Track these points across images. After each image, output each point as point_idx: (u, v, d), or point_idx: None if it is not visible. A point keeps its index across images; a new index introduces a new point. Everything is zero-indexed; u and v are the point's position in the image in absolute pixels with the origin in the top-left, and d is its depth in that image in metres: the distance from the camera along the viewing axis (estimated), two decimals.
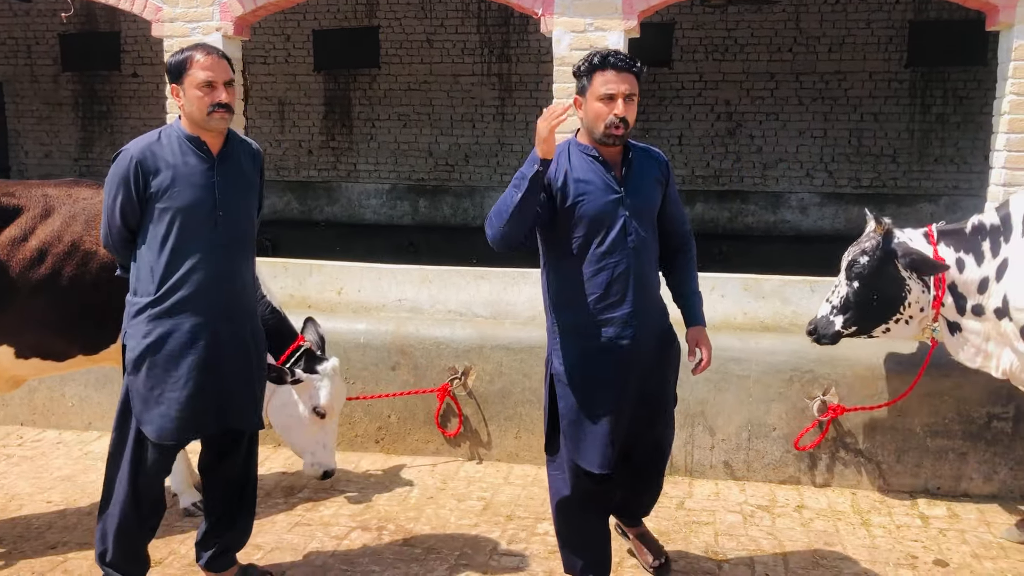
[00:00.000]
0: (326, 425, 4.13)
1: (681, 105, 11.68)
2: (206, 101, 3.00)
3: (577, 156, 3.14)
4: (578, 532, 3.37)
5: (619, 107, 2.99)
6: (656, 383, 3.32)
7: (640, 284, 3.14)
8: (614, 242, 3.09)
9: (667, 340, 3.35)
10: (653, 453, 3.51)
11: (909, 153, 11.21)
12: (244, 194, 3.19)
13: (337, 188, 12.78)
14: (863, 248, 4.15)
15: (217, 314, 3.10)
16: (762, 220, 11.46)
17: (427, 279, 5.75)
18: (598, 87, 3.00)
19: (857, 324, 4.20)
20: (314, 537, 4.02)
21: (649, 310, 3.21)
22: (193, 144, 3.08)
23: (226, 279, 3.13)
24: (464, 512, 4.32)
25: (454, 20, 12.11)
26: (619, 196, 3.11)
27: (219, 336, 3.11)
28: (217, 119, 3.03)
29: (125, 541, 3.24)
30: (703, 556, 3.88)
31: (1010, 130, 5.05)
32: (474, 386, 4.94)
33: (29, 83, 13.53)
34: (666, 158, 3.36)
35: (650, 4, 5.43)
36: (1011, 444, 4.46)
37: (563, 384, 3.20)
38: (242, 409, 3.23)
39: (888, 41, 11.02)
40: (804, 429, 4.59)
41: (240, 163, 3.20)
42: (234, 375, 3.17)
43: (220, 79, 3.02)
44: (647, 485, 3.64)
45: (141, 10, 6.06)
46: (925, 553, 3.93)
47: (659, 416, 3.39)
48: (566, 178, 3.09)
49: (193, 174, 3.05)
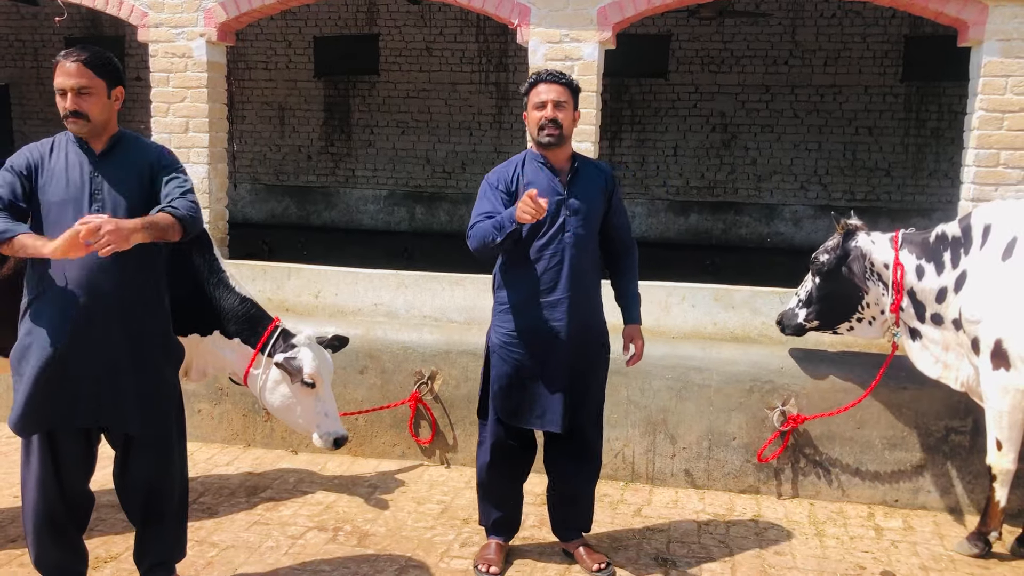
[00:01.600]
0: (319, 394, 4.07)
1: (676, 116, 11.72)
2: (61, 107, 3.03)
3: (530, 163, 3.64)
4: (495, 490, 3.81)
5: (548, 110, 3.48)
6: (581, 372, 3.64)
7: (573, 275, 3.55)
8: (552, 236, 3.53)
9: (596, 336, 3.71)
10: (574, 441, 3.72)
11: (903, 167, 11.21)
12: (126, 192, 3.10)
13: (335, 193, 12.87)
14: (826, 246, 4.38)
15: (81, 311, 3.07)
16: (755, 232, 11.48)
17: (403, 284, 5.81)
18: (533, 98, 3.55)
19: (819, 319, 4.43)
20: (270, 536, 4.08)
21: (580, 302, 3.59)
22: (77, 144, 3.11)
23: (98, 278, 3.05)
24: (422, 515, 4.37)
25: (453, 29, 12.20)
26: (562, 197, 3.55)
27: (80, 333, 3.07)
28: (71, 123, 3.04)
29: (39, 539, 3.22)
30: (653, 563, 3.92)
31: (979, 145, 5.08)
32: (440, 390, 5.00)
33: (35, 86, 13.69)
34: (612, 171, 3.80)
35: (625, 16, 5.47)
36: (968, 458, 4.47)
37: (496, 355, 3.66)
38: (117, 409, 3.15)
39: (884, 55, 11.05)
40: (767, 440, 4.62)
41: (126, 162, 3.14)
42: (98, 373, 3.10)
43: (70, 86, 3.00)
44: (575, 482, 3.80)
45: (128, 15, 6.16)
46: (874, 564, 3.95)
47: (581, 406, 3.67)
48: (516, 182, 3.60)
49: (72, 170, 3.06)
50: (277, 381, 4.04)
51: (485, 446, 3.76)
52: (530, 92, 3.54)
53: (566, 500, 3.85)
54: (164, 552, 3.39)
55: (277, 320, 4.13)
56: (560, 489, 3.84)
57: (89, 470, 3.32)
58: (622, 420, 4.79)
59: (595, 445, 3.80)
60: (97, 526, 3.97)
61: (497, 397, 3.66)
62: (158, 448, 3.28)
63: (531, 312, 3.57)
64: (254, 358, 4.03)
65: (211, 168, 6.18)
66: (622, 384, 4.76)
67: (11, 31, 13.56)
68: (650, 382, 4.75)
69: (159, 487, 3.31)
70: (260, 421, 5.22)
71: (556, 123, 3.47)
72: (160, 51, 6.15)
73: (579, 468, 3.78)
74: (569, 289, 3.54)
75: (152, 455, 3.27)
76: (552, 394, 3.59)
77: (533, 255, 3.54)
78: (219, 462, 5.01)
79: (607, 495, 4.64)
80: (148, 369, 3.21)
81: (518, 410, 3.64)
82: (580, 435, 3.72)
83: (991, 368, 3.85)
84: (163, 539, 3.37)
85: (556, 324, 3.55)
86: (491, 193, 3.58)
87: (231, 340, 4.05)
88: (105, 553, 3.84)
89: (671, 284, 5.49)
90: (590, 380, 3.70)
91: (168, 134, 6.14)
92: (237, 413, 5.25)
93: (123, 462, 3.29)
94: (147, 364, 3.20)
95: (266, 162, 13.19)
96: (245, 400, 5.22)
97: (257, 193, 13.14)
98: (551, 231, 3.52)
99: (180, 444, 3.39)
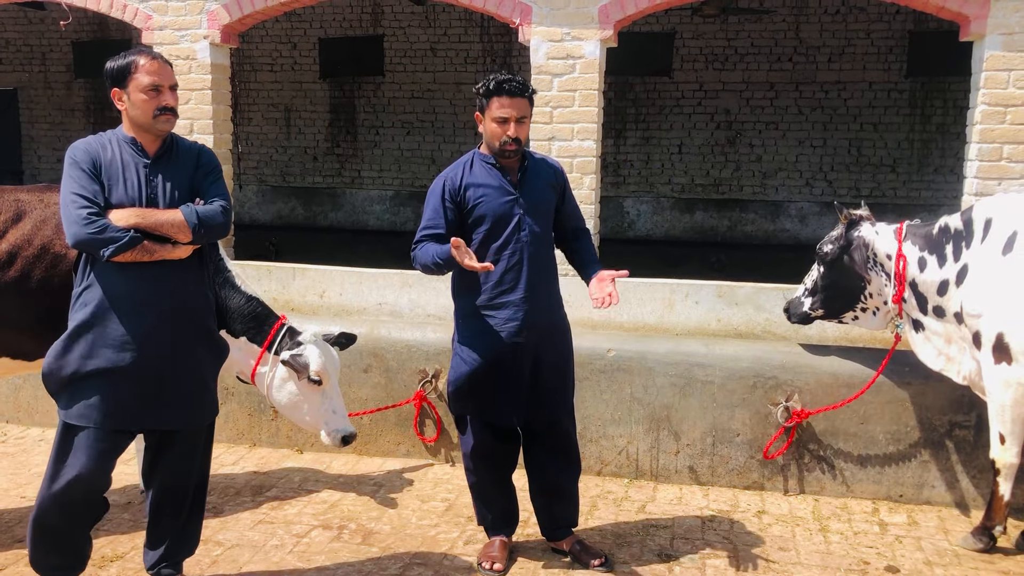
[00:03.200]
0: (327, 391, 4.07)
1: (681, 114, 11.73)
2: (152, 105, 3.06)
3: (479, 165, 3.65)
4: (485, 488, 3.84)
5: (511, 129, 3.50)
6: (553, 363, 3.71)
7: (533, 272, 3.60)
8: (509, 236, 3.57)
9: (562, 327, 3.78)
10: (552, 435, 3.77)
11: (909, 163, 11.20)
12: (182, 195, 3.18)
13: (341, 194, 12.92)
14: (830, 236, 4.41)
15: (147, 315, 3.11)
16: (761, 229, 11.48)
17: (407, 283, 5.84)
18: (494, 110, 3.51)
19: (824, 307, 4.47)
20: (275, 535, 4.10)
21: (542, 297, 3.66)
22: (131, 145, 3.14)
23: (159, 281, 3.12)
24: (426, 513, 4.38)
25: (457, 30, 12.23)
26: (514, 197, 3.60)
27: (149, 336, 3.13)
28: (163, 122, 3.10)
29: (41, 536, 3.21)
30: (656, 559, 3.92)
31: (982, 140, 5.08)
32: (444, 388, 5.01)
33: (43, 89, 13.79)
34: (561, 166, 3.86)
35: (626, 14, 5.49)
36: (973, 452, 4.47)
37: (460, 358, 3.69)
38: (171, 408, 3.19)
39: (888, 51, 11.04)
40: (772, 437, 4.62)
41: (178, 165, 3.21)
42: (165, 374, 3.15)
43: (166, 83, 3.08)
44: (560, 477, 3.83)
45: (132, 18, 6.19)
46: (878, 559, 3.95)
47: (558, 398, 3.75)
48: (464, 187, 3.59)
49: (128, 171, 3.10)
50: (284, 379, 4.05)
51: (467, 446, 3.78)
52: (491, 100, 3.50)
53: (554, 496, 3.85)
54: (175, 545, 3.43)
55: (283, 318, 4.15)
56: (546, 486, 3.85)
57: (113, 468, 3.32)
58: (626, 417, 4.80)
59: (574, 437, 3.86)
60: (103, 525, 3.99)
61: (466, 396, 3.68)
62: (191, 444, 3.35)
63: (495, 313, 3.60)
64: (261, 356, 4.05)
65: None
66: (626, 381, 4.77)
67: (19, 36, 13.65)
68: (654, 379, 4.75)
69: (183, 482, 3.37)
70: (266, 421, 5.25)
71: (517, 141, 3.50)
72: (164, 54, 6.16)
73: (562, 462, 3.82)
74: (530, 286, 3.59)
75: (183, 450, 3.33)
76: (519, 388, 3.63)
77: (491, 257, 3.56)
78: (225, 461, 5.03)
79: (611, 492, 4.65)
80: (200, 368, 3.28)
81: (482, 405, 3.68)
82: (559, 429, 3.77)
83: (993, 362, 3.85)
84: (176, 533, 3.42)
85: (521, 322, 3.58)
86: (438, 203, 3.59)
87: (238, 339, 4.07)
88: (111, 552, 3.86)
89: (674, 281, 5.51)
90: (565, 369, 3.76)
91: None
92: (243, 413, 5.28)
93: (155, 456, 3.33)
94: (200, 363, 3.28)
95: (272, 163, 13.24)
96: (251, 400, 5.25)
97: (264, 194, 13.20)
98: (507, 232, 3.56)
99: (208, 443, 3.48)
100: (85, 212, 2.97)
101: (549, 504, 3.87)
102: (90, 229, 2.96)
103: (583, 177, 5.55)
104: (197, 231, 3.09)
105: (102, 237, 2.97)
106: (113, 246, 2.98)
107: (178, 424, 3.26)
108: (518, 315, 3.58)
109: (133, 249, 3.01)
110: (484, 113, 3.55)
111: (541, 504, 3.89)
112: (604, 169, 11.34)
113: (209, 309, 3.38)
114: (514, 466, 3.90)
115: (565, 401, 3.79)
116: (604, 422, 4.82)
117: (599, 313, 5.45)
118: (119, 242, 2.98)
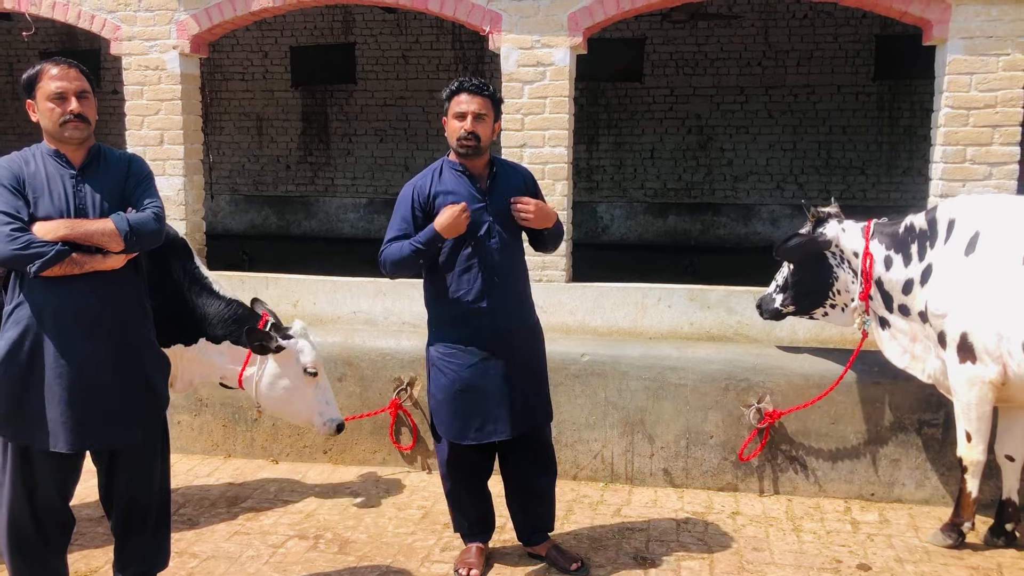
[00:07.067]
0: (319, 382, 4.15)
1: (652, 119, 11.80)
2: (58, 112, 2.98)
3: (447, 172, 3.65)
4: (461, 496, 3.85)
5: (468, 122, 3.51)
6: (531, 366, 3.73)
7: (505, 279, 3.60)
8: (478, 243, 3.57)
9: (535, 332, 3.80)
10: (529, 442, 3.76)
11: (878, 165, 11.34)
12: (112, 205, 3.08)
13: (315, 203, 12.87)
14: (798, 233, 4.46)
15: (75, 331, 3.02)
16: (733, 232, 11.57)
17: (382, 291, 5.84)
18: (453, 107, 3.56)
19: (794, 304, 4.54)
20: (251, 545, 4.09)
21: (515, 304, 3.67)
22: (55, 157, 3.05)
23: (87, 296, 3.02)
24: (403, 521, 4.39)
25: (429, 37, 12.25)
26: (484, 204, 3.60)
27: (79, 353, 3.03)
28: (71, 129, 3.00)
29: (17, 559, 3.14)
30: (632, 562, 3.95)
31: (946, 142, 5.16)
32: (420, 396, 5.01)
33: (11, 100, 13.62)
34: (530, 172, 3.89)
35: (595, 21, 5.53)
36: (941, 450, 4.54)
37: (436, 368, 3.67)
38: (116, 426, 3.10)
39: (856, 55, 11.17)
40: (746, 439, 4.67)
41: (108, 174, 3.11)
42: (105, 391, 3.07)
43: (72, 90, 2.98)
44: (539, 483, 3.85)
45: (100, 29, 6.16)
46: (850, 558, 4.00)
47: (536, 403, 3.75)
48: (433, 195, 3.59)
49: (54, 184, 3.00)
50: (276, 375, 4.08)
51: (443, 454, 3.78)
52: (451, 100, 3.56)
53: (530, 502, 3.87)
54: (146, 562, 3.36)
55: (266, 316, 4.15)
56: (522, 492, 3.85)
57: (72, 489, 3.25)
58: (600, 421, 4.83)
59: (550, 442, 3.89)
60: (77, 540, 3.96)
61: (442, 412, 3.66)
62: (146, 458, 3.24)
63: (468, 322, 3.58)
64: (248, 357, 4.05)
65: (187, 180, 6.19)
66: (600, 386, 4.80)
67: None
68: (627, 383, 4.79)
69: (145, 497, 3.27)
70: (240, 431, 5.23)
71: (474, 135, 3.51)
72: (133, 64, 6.15)
73: (540, 468, 3.83)
74: (503, 294, 3.59)
75: (139, 465, 3.23)
76: (499, 401, 3.59)
77: (461, 265, 3.56)
78: (200, 473, 5.01)
79: (586, 496, 4.67)
80: (143, 382, 3.17)
81: (465, 426, 3.61)
82: (537, 436, 3.78)
83: (958, 361, 3.91)
84: (145, 549, 3.33)
85: (495, 330, 3.57)
86: (407, 211, 3.58)
87: (220, 344, 4.06)
88: (85, 567, 3.84)
89: (647, 285, 5.55)
90: (540, 375, 3.77)
91: (143, 147, 6.15)
92: (217, 424, 5.26)
93: (109, 473, 3.23)
94: (142, 377, 3.17)
95: (245, 173, 13.18)
96: (225, 411, 5.23)
97: (236, 204, 13.12)
98: (476, 239, 3.55)
99: (164, 454, 3.38)
100: (8, 229, 2.88)
101: (525, 509, 3.89)
102: (14, 245, 2.87)
103: (555, 183, 5.58)
104: (129, 239, 2.99)
105: (27, 253, 2.88)
106: (39, 261, 2.88)
107: (123, 442, 3.13)
108: (490, 322, 3.57)
109: (61, 263, 2.91)
110: (447, 115, 3.58)
111: (517, 509, 3.91)
112: (577, 174, 11.41)
113: (148, 320, 3.25)
114: (490, 473, 3.91)
115: (544, 407, 3.79)
116: (579, 427, 4.85)
117: (573, 318, 5.49)
118: (45, 256, 2.89)
